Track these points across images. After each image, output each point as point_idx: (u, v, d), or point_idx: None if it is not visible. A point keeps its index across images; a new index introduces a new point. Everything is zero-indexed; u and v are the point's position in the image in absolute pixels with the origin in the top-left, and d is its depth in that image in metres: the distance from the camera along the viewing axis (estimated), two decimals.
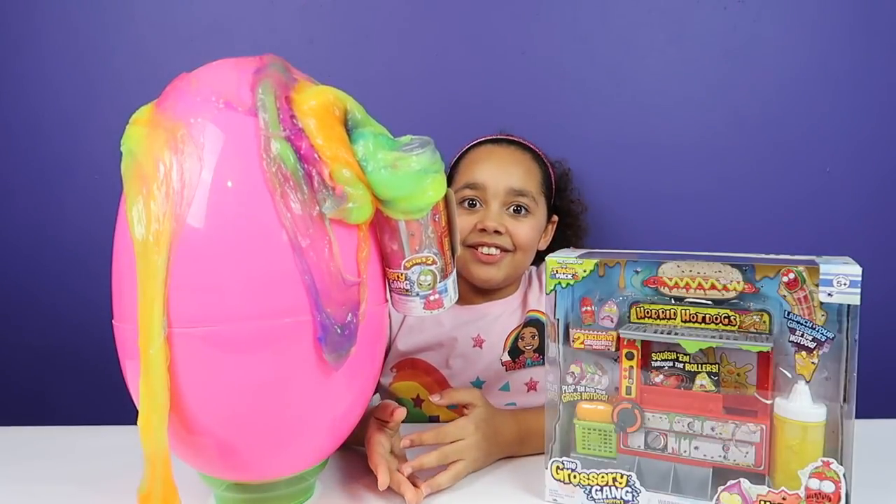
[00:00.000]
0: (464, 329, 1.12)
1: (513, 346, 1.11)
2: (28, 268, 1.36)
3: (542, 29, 1.28)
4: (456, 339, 1.11)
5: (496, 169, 1.09)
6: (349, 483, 0.84)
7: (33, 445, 1.00)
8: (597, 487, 0.76)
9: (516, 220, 1.08)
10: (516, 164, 1.11)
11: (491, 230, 1.06)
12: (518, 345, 1.12)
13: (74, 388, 1.38)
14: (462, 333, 1.12)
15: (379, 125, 0.74)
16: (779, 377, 0.71)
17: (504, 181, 1.08)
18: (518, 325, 1.12)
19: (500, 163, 1.11)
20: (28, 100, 1.32)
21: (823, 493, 0.67)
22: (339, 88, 0.73)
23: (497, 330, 1.12)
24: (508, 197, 1.08)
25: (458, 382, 1.11)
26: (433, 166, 0.72)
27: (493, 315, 1.13)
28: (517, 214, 1.09)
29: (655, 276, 0.74)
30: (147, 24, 1.30)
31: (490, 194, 1.08)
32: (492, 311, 1.13)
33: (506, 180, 1.08)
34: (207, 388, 0.67)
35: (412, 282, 0.76)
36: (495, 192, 1.07)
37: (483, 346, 1.12)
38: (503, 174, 1.08)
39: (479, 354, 1.11)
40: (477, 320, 1.12)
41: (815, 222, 1.28)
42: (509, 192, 1.08)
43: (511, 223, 1.07)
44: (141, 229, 0.64)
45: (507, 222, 1.07)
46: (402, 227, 0.73)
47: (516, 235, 1.08)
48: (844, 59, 1.25)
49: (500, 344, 1.11)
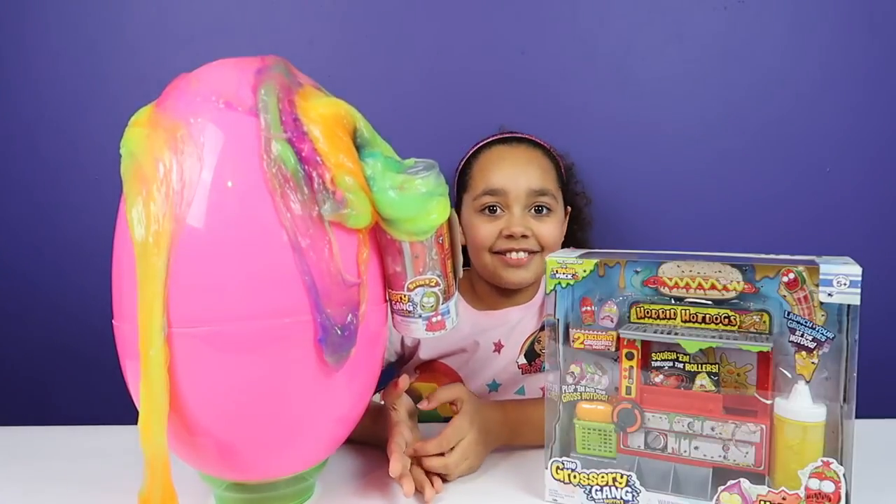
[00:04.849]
0: (485, 335, 1.12)
1: (529, 349, 1.11)
2: (28, 268, 1.36)
3: (542, 29, 1.28)
4: (478, 343, 1.11)
5: (513, 171, 1.08)
6: (349, 483, 0.84)
7: (33, 445, 1.00)
8: (597, 487, 0.76)
9: (540, 221, 1.07)
10: (532, 164, 1.10)
11: (518, 235, 1.05)
12: (535, 348, 1.11)
13: (75, 388, 1.38)
14: (484, 339, 1.12)
15: (387, 145, 0.74)
16: (779, 377, 0.71)
17: (524, 183, 1.07)
18: (535, 330, 1.12)
19: (516, 164, 1.09)
20: (28, 99, 1.32)
21: (823, 493, 0.67)
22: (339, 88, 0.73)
23: (516, 335, 1.12)
24: (530, 198, 1.07)
25: (474, 385, 1.11)
26: (438, 189, 0.72)
27: (514, 320, 1.12)
28: (539, 214, 1.08)
29: (655, 276, 0.74)
30: (147, 24, 1.30)
31: (511, 198, 1.06)
32: (512, 317, 1.13)
33: (525, 182, 1.07)
34: (207, 388, 0.67)
35: (415, 303, 0.75)
36: (517, 195, 1.06)
37: (501, 352, 1.12)
38: (522, 176, 1.07)
39: (497, 358, 1.11)
40: (498, 326, 1.12)
41: (815, 222, 1.27)
42: (530, 194, 1.07)
43: (535, 224, 1.07)
44: (141, 230, 0.64)
45: (532, 224, 1.07)
46: (406, 248, 0.73)
47: (542, 236, 1.07)
48: (844, 59, 1.25)
49: (518, 347, 1.11)
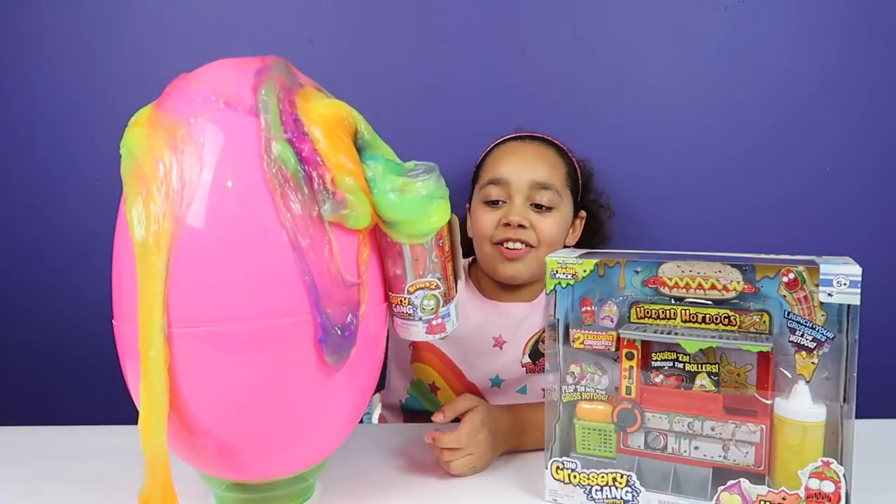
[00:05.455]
0: (485, 327, 1.11)
1: (533, 348, 1.11)
2: (28, 268, 1.36)
3: (542, 29, 1.28)
4: (475, 335, 1.11)
5: (519, 164, 1.09)
6: (349, 483, 0.84)
7: (33, 445, 1.00)
8: (597, 487, 0.76)
9: (540, 215, 1.07)
10: (539, 159, 1.10)
11: (515, 224, 1.05)
12: (539, 347, 1.11)
13: (75, 388, 1.38)
14: (483, 331, 1.11)
15: (387, 148, 0.74)
16: (779, 377, 0.71)
17: (527, 175, 1.07)
18: (540, 329, 1.12)
19: (523, 158, 1.10)
20: (28, 99, 1.32)
21: (823, 493, 0.67)
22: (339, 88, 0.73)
23: (520, 333, 1.11)
24: (532, 191, 1.07)
25: (475, 378, 1.11)
26: (438, 192, 0.73)
27: (518, 318, 1.12)
28: (540, 209, 1.08)
29: (655, 276, 0.74)
30: (147, 24, 1.29)
31: (513, 189, 1.07)
32: (517, 313, 1.12)
33: (529, 174, 1.07)
34: (207, 388, 0.67)
35: (415, 306, 0.76)
36: (518, 186, 1.07)
37: (503, 348, 1.11)
38: (526, 168, 1.08)
39: (498, 354, 1.11)
40: (501, 320, 1.12)
41: (815, 222, 1.27)
42: (532, 186, 1.07)
43: (535, 218, 1.07)
44: (141, 231, 0.64)
45: (531, 217, 1.07)
46: (406, 251, 0.73)
47: (540, 230, 1.07)
48: (844, 59, 1.25)
49: (521, 346, 1.11)
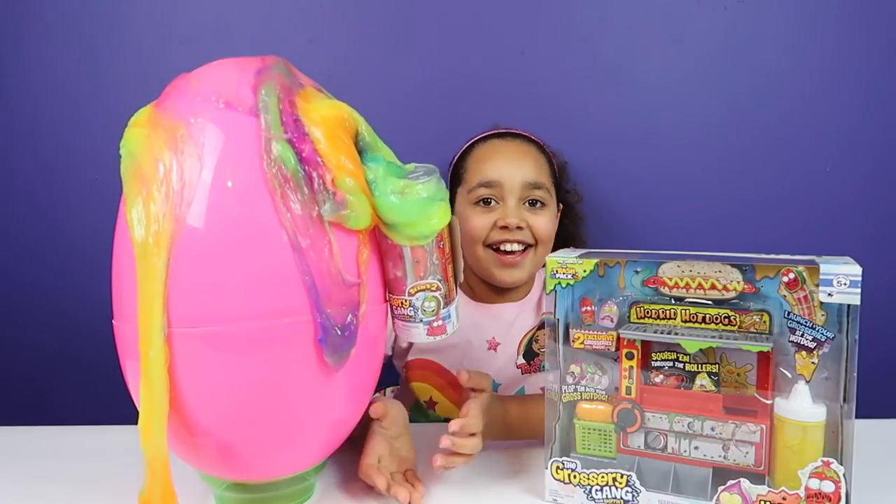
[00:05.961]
0: (478, 331, 1.11)
1: (527, 348, 1.11)
2: (28, 268, 1.36)
3: (542, 29, 1.28)
4: (470, 341, 1.11)
5: (508, 164, 1.08)
6: (349, 483, 0.84)
7: (33, 445, 1.00)
8: (597, 487, 0.76)
9: (534, 214, 1.08)
10: (526, 158, 1.10)
11: (513, 227, 1.05)
12: (532, 347, 1.11)
13: (75, 388, 1.38)
14: (476, 336, 1.11)
15: (388, 150, 0.74)
16: (779, 377, 0.71)
17: (519, 175, 1.07)
18: (533, 328, 1.12)
19: (511, 157, 1.10)
20: (28, 99, 1.32)
21: (823, 493, 0.67)
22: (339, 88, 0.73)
23: (513, 333, 1.11)
24: (525, 191, 1.07)
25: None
26: (438, 194, 0.73)
27: (510, 318, 1.12)
28: (534, 207, 1.08)
29: (655, 276, 0.74)
30: (147, 24, 1.29)
31: (506, 190, 1.07)
32: (508, 314, 1.12)
33: (520, 174, 1.07)
34: (207, 388, 0.67)
35: (416, 308, 0.76)
36: (511, 187, 1.07)
37: (498, 350, 1.11)
38: (517, 169, 1.08)
39: (493, 357, 1.11)
40: (492, 322, 1.12)
41: (815, 222, 1.27)
42: (525, 186, 1.07)
43: (530, 217, 1.07)
44: (141, 231, 0.64)
45: (526, 216, 1.07)
46: (406, 253, 0.73)
47: (536, 229, 1.07)
48: (844, 59, 1.25)
49: (515, 347, 1.11)
